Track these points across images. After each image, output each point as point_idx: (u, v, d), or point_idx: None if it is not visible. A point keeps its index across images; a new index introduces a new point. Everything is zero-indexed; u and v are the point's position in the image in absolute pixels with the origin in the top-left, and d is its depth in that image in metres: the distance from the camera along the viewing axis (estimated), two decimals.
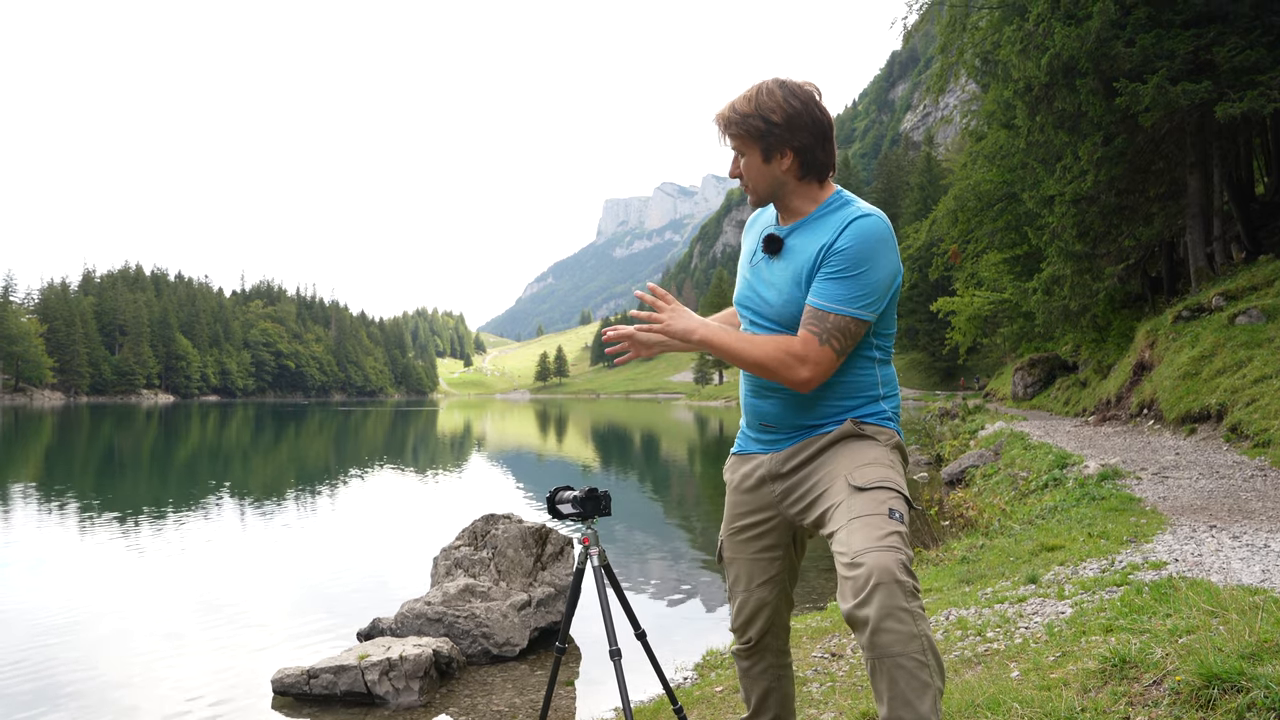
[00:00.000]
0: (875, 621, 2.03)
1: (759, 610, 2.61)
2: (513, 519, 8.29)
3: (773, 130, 2.33)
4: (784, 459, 2.48)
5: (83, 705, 6.10)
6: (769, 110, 2.32)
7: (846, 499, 2.25)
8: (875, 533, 2.12)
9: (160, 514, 15.21)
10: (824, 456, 2.40)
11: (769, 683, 2.70)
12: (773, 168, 2.38)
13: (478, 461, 29.21)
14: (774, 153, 2.36)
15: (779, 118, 2.32)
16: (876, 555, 2.07)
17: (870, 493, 2.22)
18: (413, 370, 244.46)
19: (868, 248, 2.26)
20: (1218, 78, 17.13)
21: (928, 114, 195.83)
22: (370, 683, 6.00)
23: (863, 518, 2.17)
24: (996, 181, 28.05)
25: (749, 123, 2.34)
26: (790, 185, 2.41)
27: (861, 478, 2.26)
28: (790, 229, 2.43)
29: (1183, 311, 17.52)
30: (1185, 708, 2.71)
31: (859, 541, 2.12)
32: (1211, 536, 6.32)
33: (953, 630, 4.69)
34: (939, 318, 46.59)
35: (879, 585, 2.03)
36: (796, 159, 2.36)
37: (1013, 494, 11.29)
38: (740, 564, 2.63)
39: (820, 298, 2.29)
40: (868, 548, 2.09)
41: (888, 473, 2.28)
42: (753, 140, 2.36)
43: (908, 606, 2.04)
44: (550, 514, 3.75)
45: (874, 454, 2.34)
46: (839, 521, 2.22)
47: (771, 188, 2.42)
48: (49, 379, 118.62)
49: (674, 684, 4.80)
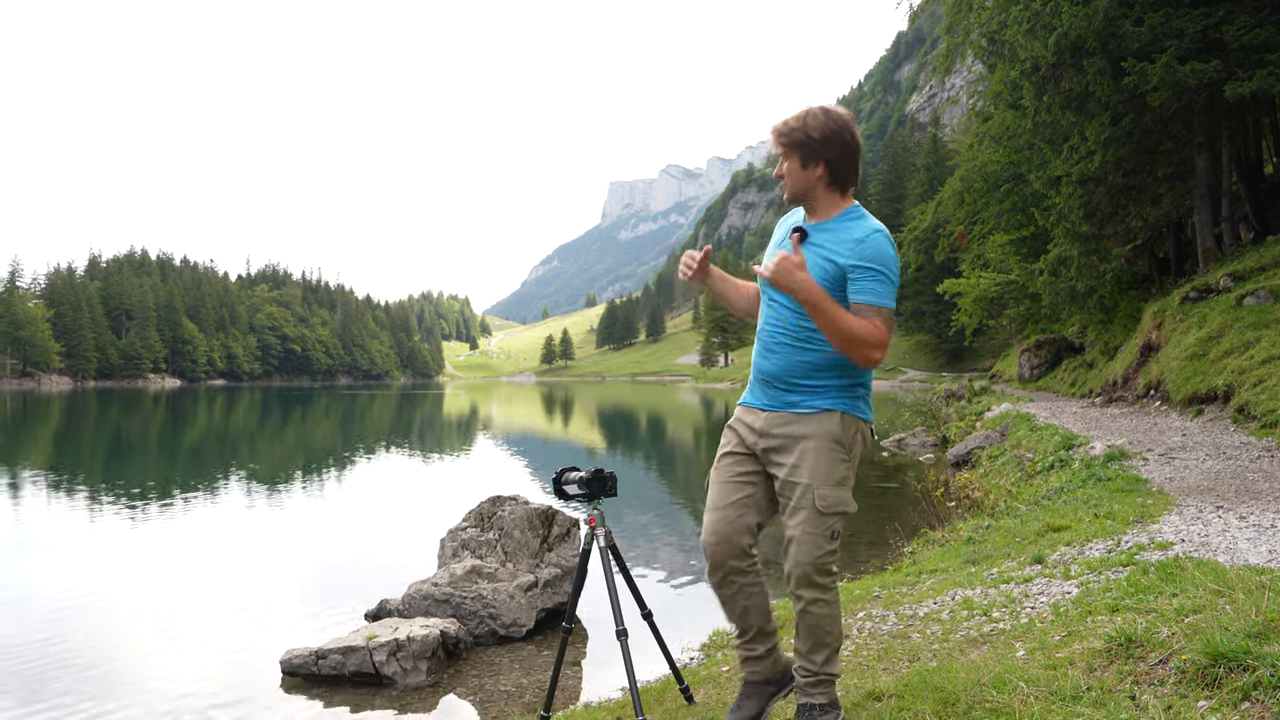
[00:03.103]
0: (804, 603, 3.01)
1: (720, 527, 3.14)
2: (519, 500, 8.31)
3: (812, 142, 2.94)
4: (777, 421, 3.07)
5: (93, 686, 6.14)
6: (812, 128, 2.93)
7: (808, 514, 2.96)
8: (815, 552, 2.95)
9: (168, 497, 15.26)
10: (806, 443, 3.01)
11: (745, 601, 3.19)
12: (808, 173, 2.98)
13: (484, 443, 29.26)
14: (810, 161, 2.96)
15: (818, 134, 2.93)
16: (805, 569, 2.97)
17: (825, 517, 2.95)
18: (419, 353, 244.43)
19: (891, 256, 2.92)
20: (1227, 57, 16.99)
21: (934, 95, 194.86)
22: (378, 663, 6.03)
23: (812, 536, 2.95)
24: (1003, 162, 27.87)
25: (794, 135, 2.95)
26: (819, 190, 3.01)
27: (823, 501, 2.95)
28: (815, 226, 3.03)
29: (1190, 292, 17.46)
30: (1191, 686, 2.71)
31: (803, 555, 2.97)
32: (1218, 517, 6.32)
33: (959, 610, 4.69)
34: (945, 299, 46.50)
35: (801, 582, 2.99)
36: (827, 169, 2.97)
37: (1019, 475, 11.27)
38: (717, 486, 3.20)
39: (869, 296, 2.89)
40: (801, 561, 2.97)
41: (843, 495, 2.99)
42: (795, 149, 2.97)
43: (815, 594, 2.99)
44: (556, 495, 3.76)
45: (841, 472, 3.00)
46: (795, 527, 2.98)
47: (803, 188, 3.02)
48: (56, 364, 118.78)
49: (680, 664, 4.81)
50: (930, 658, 3.87)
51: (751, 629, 3.23)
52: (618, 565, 3.62)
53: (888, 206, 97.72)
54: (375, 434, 33.04)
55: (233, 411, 51.63)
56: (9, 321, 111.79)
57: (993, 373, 43.79)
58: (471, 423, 40.88)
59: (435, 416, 46.72)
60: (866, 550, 9.58)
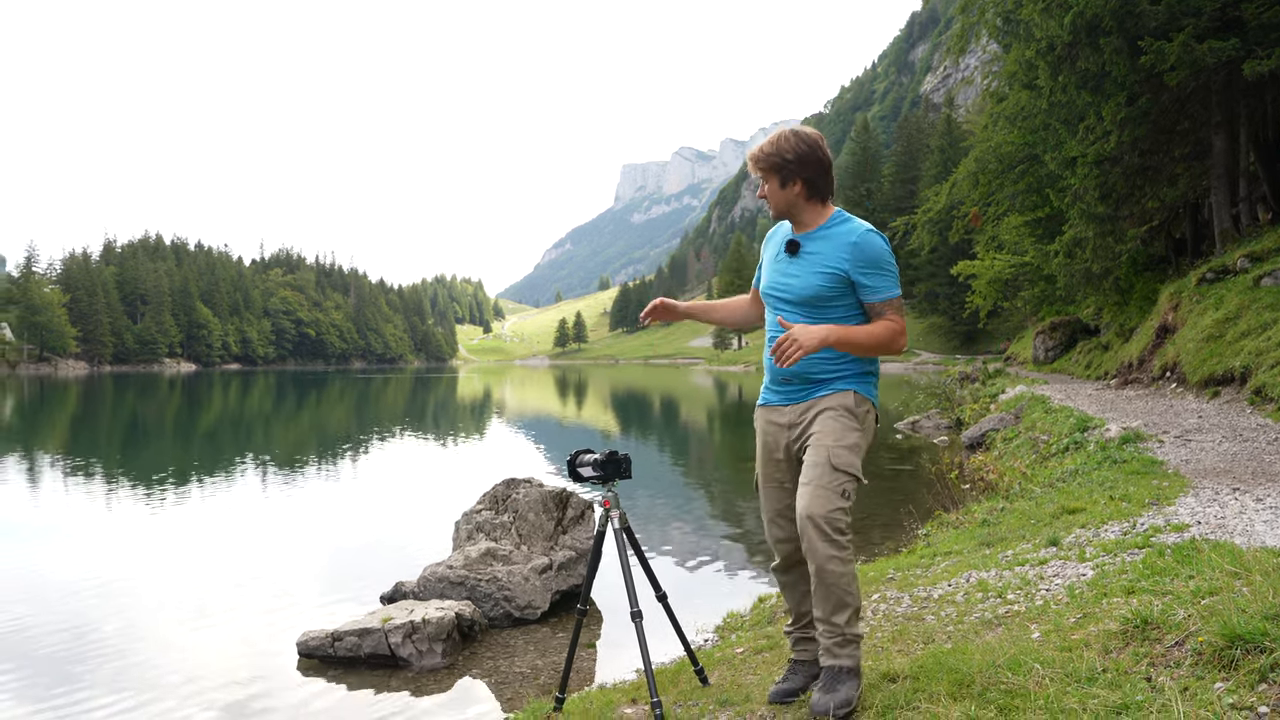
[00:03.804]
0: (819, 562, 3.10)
1: (780, 529, 3.38)
2: (533, 483, 8.33)
3: (787, 164, 3.24)
4: (799, 411, 3.31)
5: (111, 668, 6.19)
6: (785, 151, 3.23)
7: (822, 468, 3.13)
8: (827, 505, 3.08)
9: (185, 482, 15.36)
10: (826, 414, 3.23)
11: (805, 587, 3.37)
12: (787, 191, 3.27)
13: (498, 426, 29.34)
14: (788, 180, 3.26)
15: (792, 155, 3.23)
16: (816, 520, 3.08)
17: (836, 473, 3.12)
18: (432, 337, 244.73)
19: (886, 249, 3.22)
20: (1245, 35, 16.82)
21: (948, 75, 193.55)
22: (394, 645, 6.07)
23: (824, 490, 3.10)
24: (1018, 143, 27.66)
25: (770, 159, 3.24)
26: (800, 204, 3.29)
27: (837, 459, 3.13)
28: (805, 236, 3.31)
29: (1207, 273, 17.34)
30: (1208, 668, 2.70)
31: (815, 506, 3.09)
32: (1235, 499, 6.29)
33: (973, 592, 4.69)
34: (959, 281, 46.24)
35: (814, 535, 3.08)
36: (804, 186, 3.26)
37: (1033, 457, 11.24)
38: (767, 490, 3.41)
39: (881, 290, 3.19)
40: (813, 512, 3.08)
41: (854, 459, 3.18)
42: (773, 171, 3.26)
43: (829, 549, 3.08)
44: (571, 477, 3.77)
45: (853, 438, 3.20)
46: (808, 481, 3.14)
47: (786, 206, 3.31)
48: (72, 349, 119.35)
49: (695, 646, 4.82)
50: (945, 640, 3.87)
51: (807, 616, 3.42)
52: (632, 547, 3.63)
53: (901, 188, 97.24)
54: (390, 417, 33.15)
55: (248, 396, 51.88)
56: (26, 306, 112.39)
57: (1007, 355, 43.62)
58: (485, 406, 40.97)
59: (449, 400, 46.85)
60: (881, 533, 9.59)
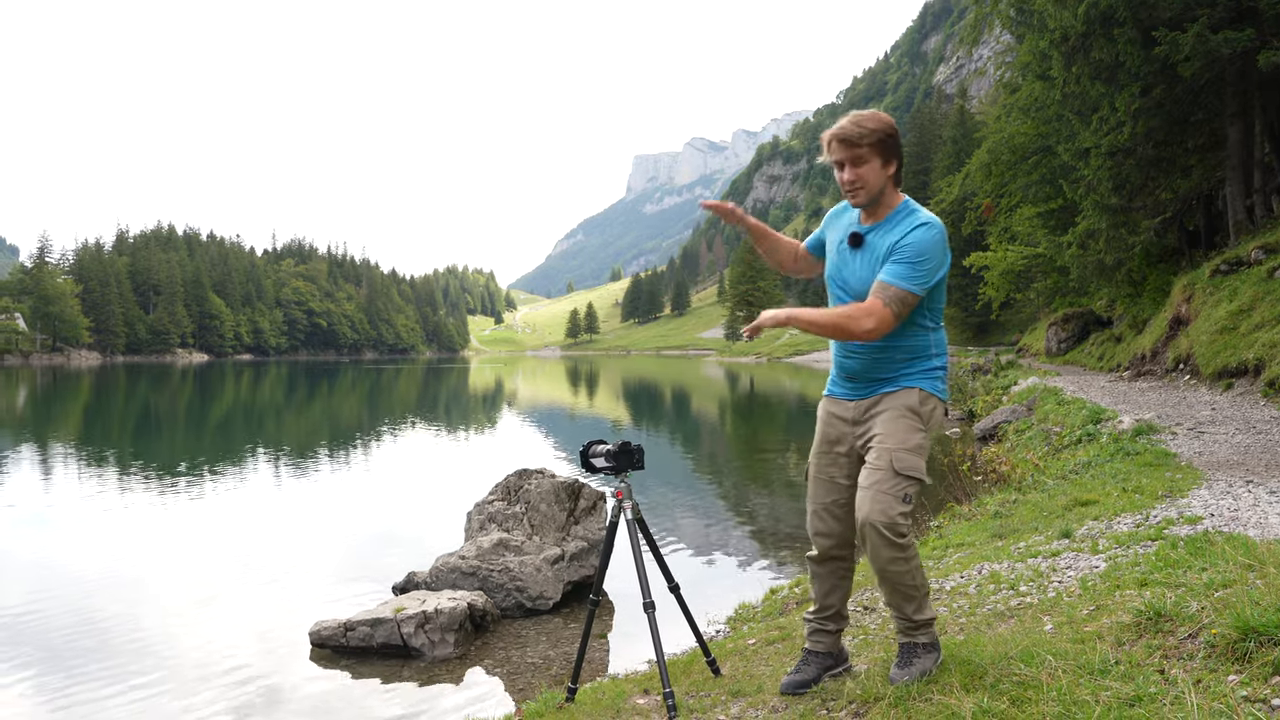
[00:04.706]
0: (881, 564, 3.06)
1: (824, 522, 3.30)
2: (545, 474, 8.35)
3: (890, 140, 3.03)
4: (864, 408, 3.21)
5: (127, 657, 6.24)
6: (889, 127, 3.02)
7: (885, 473, 3.03)
8: (889, 510, 2.99)
9: (198, 472, 15.44)
10: (889, 413, 3.13)
11: (834, 580, 3.36)
12: (887, 170, 3.05)
13: (510, 417, 29.38)
14: (890, 158, 3.05)
15: (894, 132, 3.03)
16: (876, 524, 3.00)
17: (899, 477, 3.02)
18: (444, 327, 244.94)
19: (925, 245, 3.00)
20: (1260, 25, 16.68)
21: (961, 66, 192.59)
22: (406, 635, 6.10)
23: (886, 495, 3.01)
24: (1031, 134, 27.54)
25: (876, 134, 3.00)
26: (888, 188, 3.10)
27: (900, 463, 3.03)
28: (870, 228, 3.14)
29: (1221, 265, 17.24)
30: (1221, 660, 2.70)
31: (875, 511, 3.00)
32: (1248, 491, 6.27)
33: (986, 584, 4.69)
34: (972, 273, 46.02)
35: (873, 539, 3.02)
36: (899, 166, 3.08)
37: (1046, 449, 11.22)
38: (818, 482, 3.33)
39: (887, 275, 3.01)
40: (874, 517, 3.00)
41: (917, 462, 3.07)
42: (877, 148, 3.02)
43: (892, 553, 3.02)
44: (583, 468, 3.78)
45: (917, 440, 3.10)
46: (870, 485, 3.04)
47: (882, 187, 3.07)
48: (85, 339, 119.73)
49: (707, 636, 4.83)
50: (957, 631, 3.87)
51: (831, 609, 3.39)
52: (645, 538, 3.63)
53: (914, 179, 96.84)
54: (402, 408, 33.24)
55: (260, 386, 52.04)
56: (39, 297, 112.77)
57: (1020, 346, 43.44)
58: (497, 396, 41.03)
59: (461, 390, 46.93)
60: None
